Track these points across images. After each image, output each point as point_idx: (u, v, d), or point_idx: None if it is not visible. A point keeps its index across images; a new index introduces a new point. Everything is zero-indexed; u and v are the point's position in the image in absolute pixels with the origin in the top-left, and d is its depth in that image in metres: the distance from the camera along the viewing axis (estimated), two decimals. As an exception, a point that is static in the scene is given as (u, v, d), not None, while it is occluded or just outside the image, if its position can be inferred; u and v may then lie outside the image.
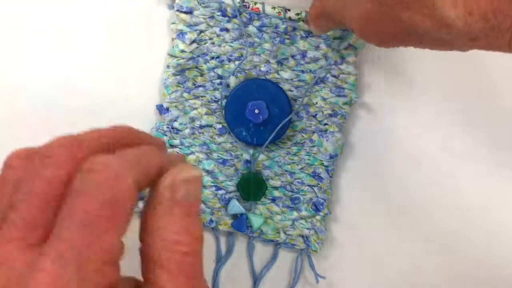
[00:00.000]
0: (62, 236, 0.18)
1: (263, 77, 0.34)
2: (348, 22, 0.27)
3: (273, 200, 0.35)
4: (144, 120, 0.36)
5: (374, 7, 0.24)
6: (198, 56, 0.34)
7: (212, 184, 0.35)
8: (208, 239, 0.36)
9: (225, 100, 0.34)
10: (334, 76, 0.34)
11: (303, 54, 0.34)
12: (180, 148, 0.35)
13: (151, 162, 0.22)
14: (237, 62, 0.34)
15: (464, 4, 0.19)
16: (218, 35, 0.34)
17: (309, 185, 0.35)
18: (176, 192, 0.21)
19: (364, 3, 0.25)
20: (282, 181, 0.35)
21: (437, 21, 0.20)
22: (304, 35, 0.34)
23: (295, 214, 0.35)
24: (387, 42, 0.26)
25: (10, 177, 0.22)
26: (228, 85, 0.34)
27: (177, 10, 0.34)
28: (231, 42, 0.34)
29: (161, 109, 0.35)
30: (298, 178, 0.35)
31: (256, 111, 0.33)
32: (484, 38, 0.20)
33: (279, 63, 0.34)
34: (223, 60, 0.34)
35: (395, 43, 0.25)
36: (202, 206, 0.35)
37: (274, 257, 0.36)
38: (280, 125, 0.33)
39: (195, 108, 0.35)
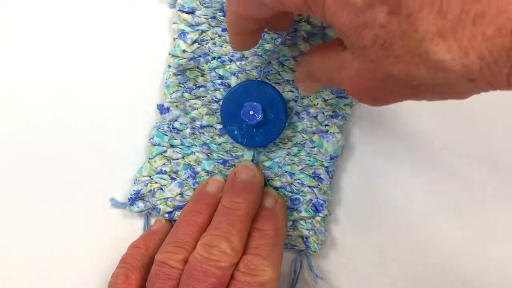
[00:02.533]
0: None
1: (264, 78, 0.34)
2: (337, 84, 0.27)
3: (273, 200, 0.35)
4: (144, 120, 0.36)
5: (362, 65, 0.23)
6: (200, 56, 0.34)
7: (212, 185, 0.35)
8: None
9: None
10: (335, 77, 0.34)
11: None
12: (180, 148, 0.35)
13: None
14: (238, 63, 0.34)
15: (459, 46, 0.19)
16: (219, 36, 0.34)
17: (309, 186, 0.35)
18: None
19: (352, 62, 0.24)
20: (282, 182, 0.35)
21: (432, 67, 0.20)
22: (305, 36, 0.34)
23: (295, 215, 0.35)
24: (381, 100, 0.25)
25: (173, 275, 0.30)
26: (229, 86, 0.35)
27: (179, 10, 0.34)
28: (233, 43, 0.34)
29: (162, 109, 0.35)
30: (298, 179, 0.35)
31: (251, 112, 0.33)
32: (483, 78, 0.19)
33: (280, 63, 0.34)
34: (224, 61, 0.34)
35: (390, 100, 0.25)
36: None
37: (273, 258, 0.36)
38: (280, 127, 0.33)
39: (196, 108, 0.35)
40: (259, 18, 0.27)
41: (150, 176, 0.35)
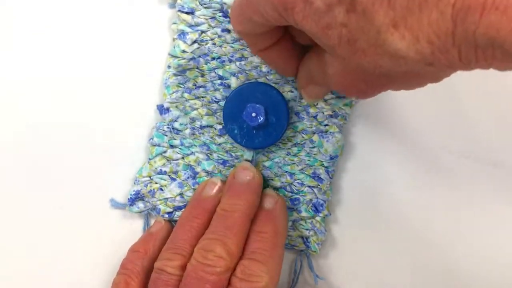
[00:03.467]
0: None
1: (264, 78, 0.34)
2: (328, 84, 0.28)
3: (273, 201, 0.35)
4: (144, 120, 0.36)
5: (341, 64, 0.25)
6: (199, 56, 0.34)
7: (212, 185, 0.35)
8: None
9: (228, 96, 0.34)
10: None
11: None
12: (180, 148, 0.35)
13: None
14: (238, 63, 0.34)
15: (410, 33, 0.20)
16: (219, 36, 0.34)
17: (309, 186, 0.35)
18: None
19: (333, 62, 0.26)
20: (282, 182, 0.35)
21: (392, 56, 0.21)
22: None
23: (294, 215, 0.35)
24: (365, 92, 0.27)
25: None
26: (229, 86, 0.34)
27: (179, 11, 0.34)
28: (232, 43, 0.34)
29: (162, 109, 0.35)
30: (298, 179, 0.35)
31: (253, 114, 0.33)
32: (438, 60, 0.21)
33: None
34: (224, 61, 0.34)
35: (372, 90, 0.27)
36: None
37: (273, 258, 0.36)
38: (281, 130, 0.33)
39: (196, 109, 0.35)
40: (260, 33, 0.29)
41: (150, 177, 0.35)
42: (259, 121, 0.33)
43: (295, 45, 0.31)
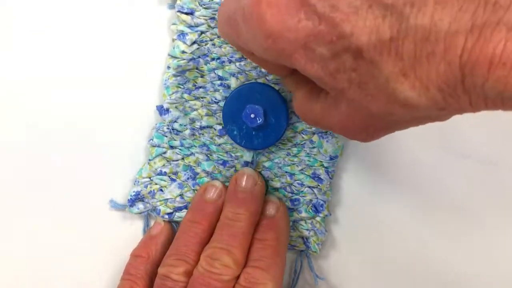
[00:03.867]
0: None
1: (263, 78, 0.34)
2: (326, 127, 0.27)
3: (273, 201, 0.35)
4: (144, 121, 0.36)
5: (349, 107, 0.24)
6: (199, 57, 0.34)
7: (212, 185, 0.35)
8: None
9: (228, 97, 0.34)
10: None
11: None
12: (180, 149, 0.35)
13: None
14: (237, 64, 0.34)
15: (420, 83, 0.20)
16: (219, 37, 0.34)
17: (309, 187, 0.35)
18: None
19: (338, 105, 0.25)
20: (282, 183, 0.35)
21: (403, 104, 0.21)
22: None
23: (295, 215, 0.35)
24: (374, 135, 0.26)
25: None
26: (228, 86, 0.34)
27: (178, 11, 0.34)
28: (232, 43, 0.34)
29: (161, 110, 0.35)
30: (298, 180, 0.35)
31: (252, 115, 0.33)
32: (450, 106, 0.20)
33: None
34: (223, 61, 0.34)
35: (381, 134, 0.26)
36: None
37: (273, 258, 0.36)
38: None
39: (196, 109, 0.35)
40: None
41: (150, 177, 0.35)
42: (258, 122, 0.33)
43: None
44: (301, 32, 0.21)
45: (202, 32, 0.34)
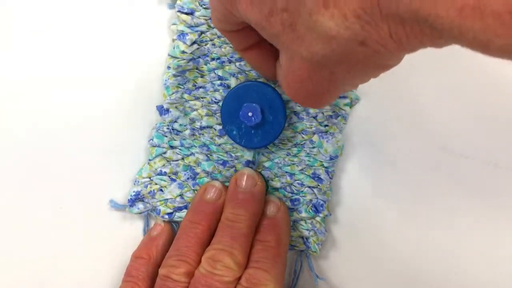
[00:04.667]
0: None
1: (264, 78, 0.34)
2: (282, 86, 0.27)
3: (273, 201, 0.35)
4: (144, 121, 0.36)
5: (285, 58, 0.24)
6: (199, 57, 0.34)
7: (212, 185, 0.35)
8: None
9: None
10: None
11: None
12: (180, 149, 0.35)
13: None
14: (237, 64, 0.34)
15: (339, 11, 0.20)
16: (218, 37, 0.34)
17: (309, 187, 0.35)
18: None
19: (281, 59, 0.25)
20: (282, 183, 0.35)
21: (324, 38, 0.21)
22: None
23: (295, 215, 0.35)
24: (311, 96, 0.26)
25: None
26: (228, 86, 0.34)
27: (178, 11, 0.34)
28: (232, 43, 0.34)
29: (161, 110, 0.35)
30: (298, 180, 0.35)
31: (250, 114, 0.33)
32: (370, 38, 0.20)
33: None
34: (223, 61, 0.34)
35: (320, 90, 0.25)
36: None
37: (273, 258, 0.36)
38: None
39: (196, 109, 0.35)
40: (235, 31, 0.28)
41: (150, 178, 0.35)
42: (256, 120, 0.33)
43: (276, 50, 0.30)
44: None
45: (202, 32, 0.34)
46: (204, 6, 0.33)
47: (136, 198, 0.35)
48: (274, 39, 0.24)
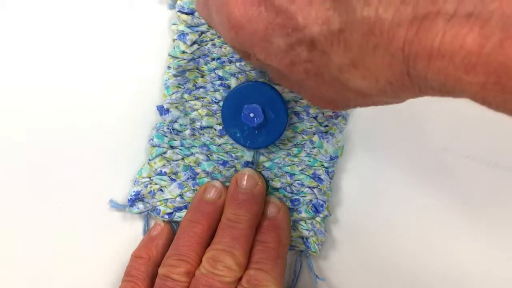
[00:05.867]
0: None
1: (264, 79, 0.34)
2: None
3: (273, 201, 0.35)
4: (144, 121, 0.36)
5: (311, 90, 0.25)
6: (199, 57, 0.34)
7: (212, 185, 0.35)
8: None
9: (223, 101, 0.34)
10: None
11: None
12: (180, 149, 0.35)
13: None
14: (238, 64, 0.34)
15: (370, 73, 0.20)
16: (219, 37, 0.34)
17: (309, 187, 0.35)
18: None
19: (303, 88, 0.26)
20: (282, 183, 0.35)
21: (356, 93, 0.22)
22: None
23: (295, 215, 0.35)
24: (340, 107, 0.27)
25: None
26: (229, 87, 0.34)
27: (179, 11, 0.34)
28: (232, 44, 0.34)
29: (162, 110, 0.35)
30: (298, 180, 0.35)
31: (251, 115, 0.33)
32: (401, 94, 0.21)
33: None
34: (224, 62, 0.34)
35: (346, 107, 0.27)
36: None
37: (273, 258, 0.36)
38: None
39: (196, 109, 0.35)
40: None
41: (150, 177, 0.35)
42: (258, 121, 0.33)
43: None
44: (260, 24, 0.22)
45: (202, 32, 0.34)
46: (204, 6, 0.33)
47: (136, 198, 0.35)
48: (297, 81, 0.24)
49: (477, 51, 0.17)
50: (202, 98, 0.35)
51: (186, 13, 0.33)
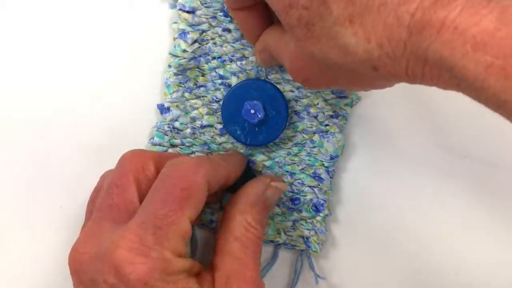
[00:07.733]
0: (146, 209, 0.26)
1: (265, 78, 0.34)
2: (281, 61, 0.28)
3: (274, 200, 0.35)
4: (145, 120, 0.36)
5: (296, 46, 0.25)
6: (200, 56, 0.34)
7: (213, 184, 0.35)
8: (209, 239, 0.36)
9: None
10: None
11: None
12: (180, 148, 0.35)
13: (220, 168, 0.30)
14: (238, 63, 0.34)
15: (363, 31, 0.20)
16: (220, 35, 0.34)
17: (309, 186, 0.35)
18: (266, 191, 0.31)
19: (289, 42, 0.26)
20: (283, 182, 0.35)
21: (340, 50, 0.22)
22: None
23: (295, 215, 0.35)
24: (310, 81, 0.27)
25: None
26: (229, 85, 0.34)
27: (180, 10, 0.34)
28: (233, 43, 0.34)
29: (162, 109, 0.35)
30: (299, 179, 0.35)
31: (252, 111, 0.33)
32: (384, 67, 0.21)
33: (281, 63, 0.34)
34: (224, 60, 0.34)
35: (317, 82, 0.27)
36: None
37: (274, 258, 0.36)
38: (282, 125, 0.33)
39: (196, 108, 0.35)
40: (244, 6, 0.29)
41: (150, 176, 0.35)
42: (259, 117, 0.33)
43: (268, 15, 0.30)
44: None
45: (203, 31, 0.34)
46: (205, 5, 0.34)
47: (137, 197, 0.35)
48: (287, 27, 0.24)
49: (491, 32, 0.17)
50: (203, 97, 0.35)
51: (187, 12, 0.34)
